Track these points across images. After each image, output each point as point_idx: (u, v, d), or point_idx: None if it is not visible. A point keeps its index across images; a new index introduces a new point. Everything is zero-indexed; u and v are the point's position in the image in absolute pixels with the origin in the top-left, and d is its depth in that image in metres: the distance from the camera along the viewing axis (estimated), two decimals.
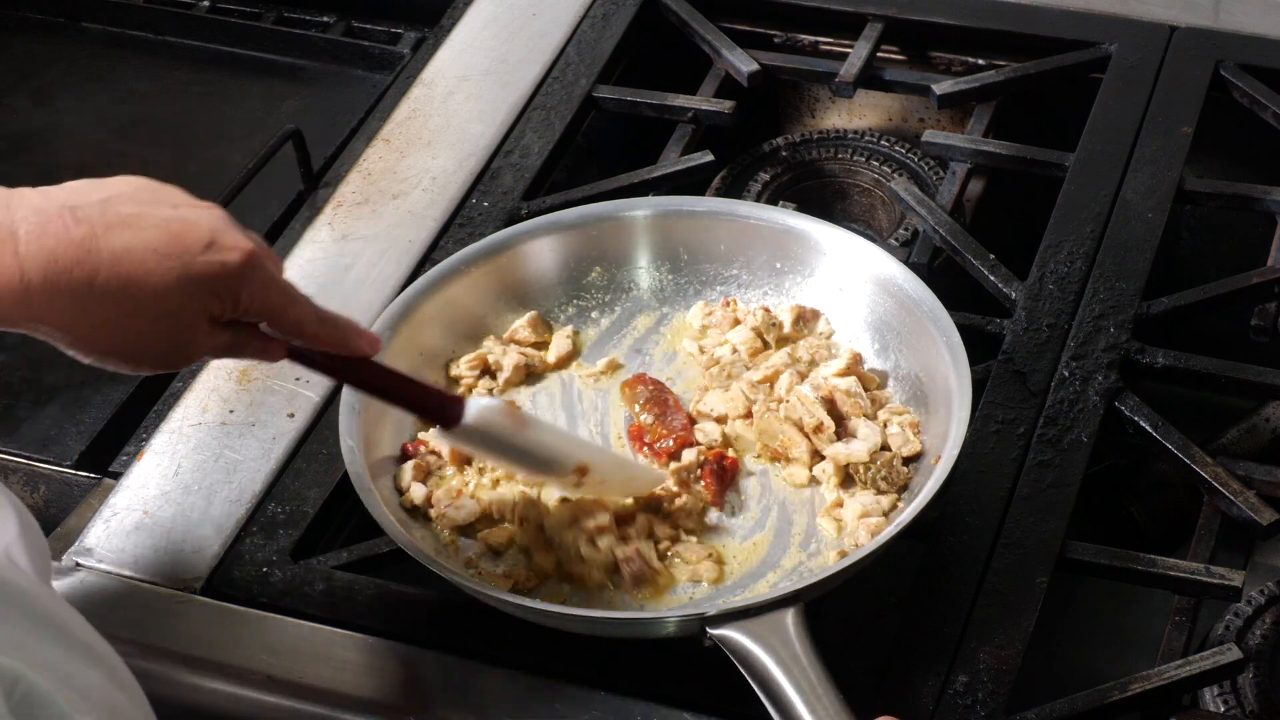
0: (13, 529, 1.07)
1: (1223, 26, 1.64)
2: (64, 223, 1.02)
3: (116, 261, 1.03)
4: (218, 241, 1.06)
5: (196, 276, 1.05)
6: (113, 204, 1.05)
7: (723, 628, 1.11)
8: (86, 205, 1.04)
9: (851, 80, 1.63)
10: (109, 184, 1.07)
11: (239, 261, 1.06)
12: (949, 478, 1.18)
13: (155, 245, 1.04)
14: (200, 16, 1.85)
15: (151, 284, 1.04)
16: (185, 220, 1.06)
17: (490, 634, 1.19)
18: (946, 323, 1.27)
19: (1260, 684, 1.23)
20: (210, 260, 1.05)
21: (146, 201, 1.06)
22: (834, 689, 1.07)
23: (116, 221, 1.04)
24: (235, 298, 1.07)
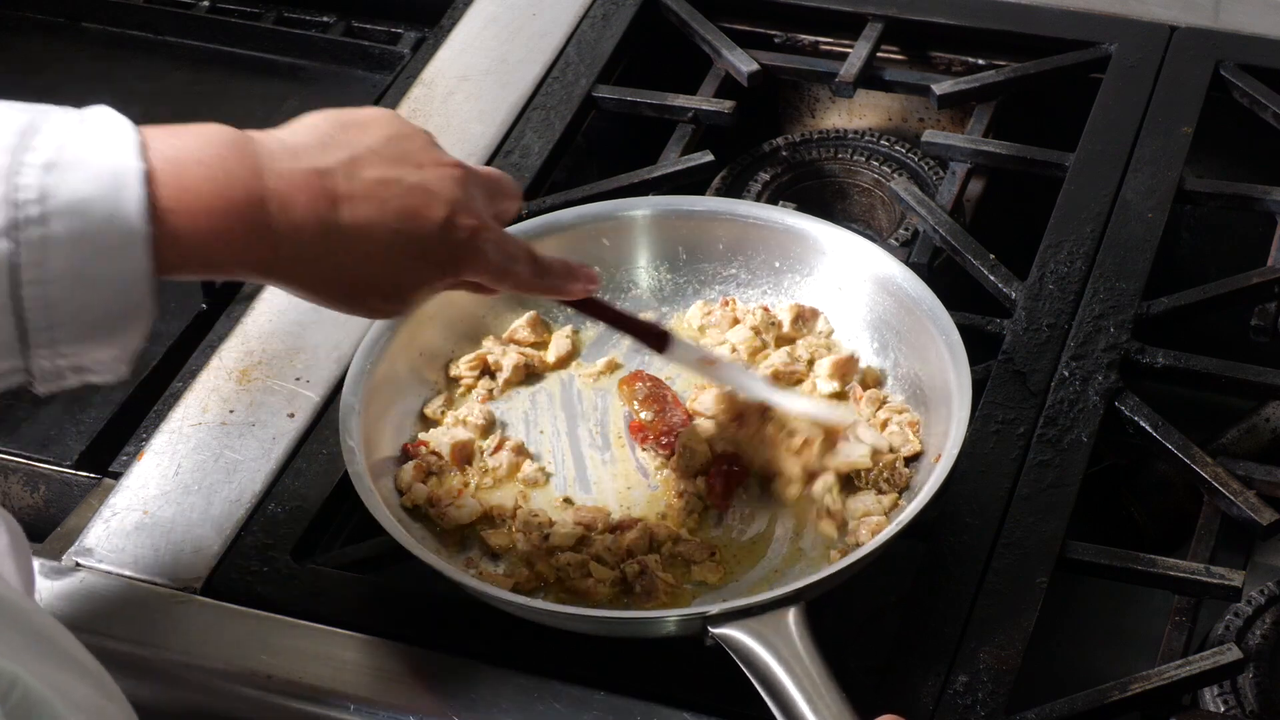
0: (2, 542, 1.07)
1: (1223, 26, 1.64)
2: (310, 192, 1.04)
3: (356, 235, 1.06)
4: (452, 218, 1.09)
5: (426, 254, 1.09)
6: (358, 166, 1.07)
7: (724, 627, 1.11)
8: (334, 169, 1.06)
9: (851, 80, 1.63)
10: (358, 127, 1.09)
11: (466, 240, 1.10)
12: (949, 477, 1.18)
13: (393, 221, 1.07)
14: (200, 16, 1.85)
15: (385, 258, 1.07)
16: (426, 191, 1.08)
17: (490, 634, 1.19)
18: (946, 322, 1.27)
19: (1260, 684, 1.23)
20: (442, 238, 1.09)
21: (393, 160, 1.08)
22: (836, 687, 1.07)
23: (360, 192, 1.06)
24: (459, 270, 1.11)
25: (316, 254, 1.05)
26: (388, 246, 1.07)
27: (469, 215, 1.10)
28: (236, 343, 1.42)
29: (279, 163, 1.04)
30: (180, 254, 1.01)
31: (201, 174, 1.01)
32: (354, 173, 1.06)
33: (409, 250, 1.08)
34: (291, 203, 1.04)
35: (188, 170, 1.01)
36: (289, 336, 1.41)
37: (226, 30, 1.82)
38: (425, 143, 1.12)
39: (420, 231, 1.08)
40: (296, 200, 1.04)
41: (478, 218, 1.11)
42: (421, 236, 1.08)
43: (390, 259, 1.08)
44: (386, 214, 1.07)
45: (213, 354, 1.41)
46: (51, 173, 0.98)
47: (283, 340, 1.41)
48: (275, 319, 1.43)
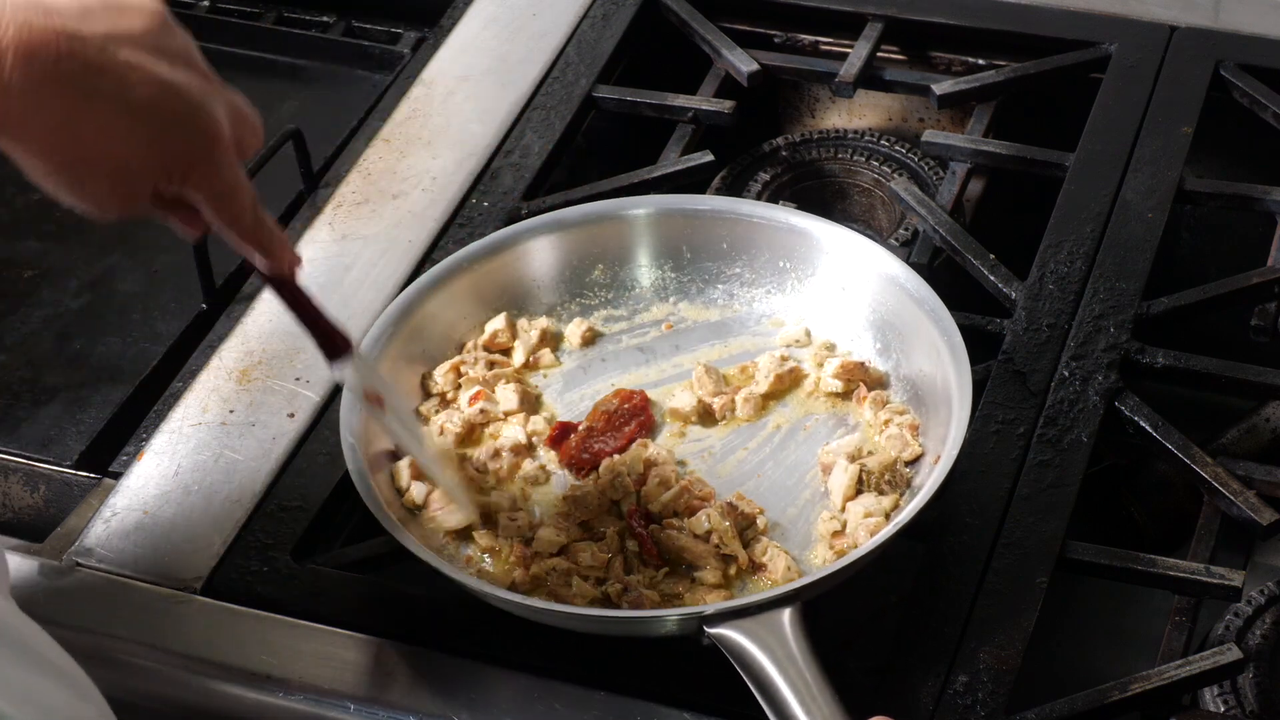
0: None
1: (1223, 26, 1.64)
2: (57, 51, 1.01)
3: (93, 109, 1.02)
4: (194, 119, 1.06)
5: (160, 146, 1.05)
6: (114, 43, 1.03)
7: (720, 626, 1.11)
8: (87, 37, 1.03)
9: (851, 80, 1.63)
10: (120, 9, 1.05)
11: (203, 146, 1.07)
12: (949, 477, 1.18)
13: (135, 105, 1.03)
14: (200, 16, 1.85)
15: (119, 139, 1.04)
16: (175, 87, 1.05)
17: (490, 634, 1.19)
18: (948, 322, 1.27)
19: (1260, 684, 1.23)
20: (179, 136, 1.06)
21: (151, 50, 1.05)
22: (829, 689, 1.07)
23: (109, 67, 1.03)
24: (185, 175, 1.08)
25: (52, 116, 1.02)
26: (125, 128, 1.03)
27: (212, 123, 1.07)
28: (236, 343, 1.42)
29: (26, 14, 1.01)
30: None
31: None
32: (108, 47, 1.03)
33: (145, 136, 1.04)
34: (34, 56, 1.00)
35: None
36: (289, 336, 1.41)
37: (226, 30, 1.82)
38: (184, 45, 1.08)
39: (161, 121, 1.04)
40: (39, 54, 1.00)
41: (219, 129, 1.07)
42: (162, 126, 1.05)
43: (124, 140, 1.04)
44: (131, 96, 1.03)
45: (213, 354, 1.41)
46: None
47: (283, 340, 1.41)
48: (275, 319, 1.43)
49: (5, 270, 1.56)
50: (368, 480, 1.21)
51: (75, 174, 1.06)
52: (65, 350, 1.50)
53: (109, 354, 1.49)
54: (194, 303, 1.49)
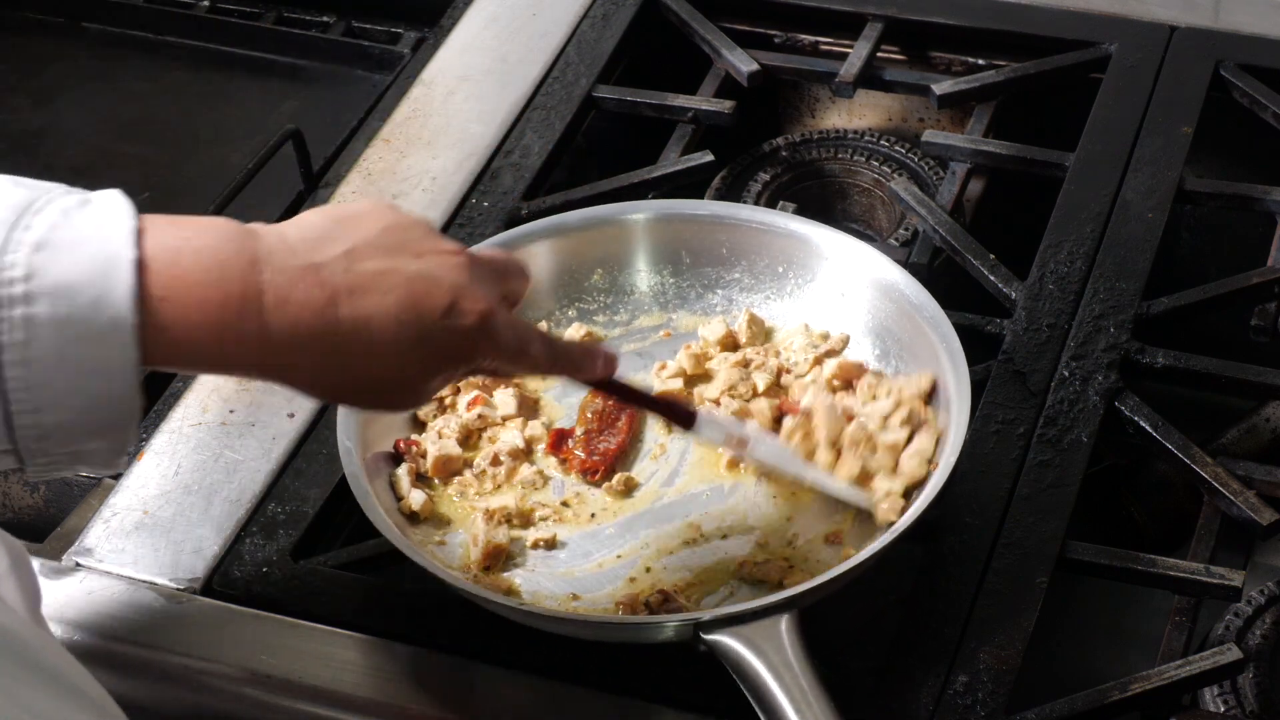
0: (2, 564, 1.05)
1: (1223, 26, 1.64)
2: (308, 287, 1.01)
3: (357, 330, 1.02)
4: (457, 304, 1.05)
5: (433, 344, 1.05)
6: (357, 259, 1.03)
7: (716, 633, 1.10)
8: (331, 263, 1.02)
9: (851, 80, 1.63)
10: (353, 221, 1.06)
11: (475, 325, 1.06)
12: (948, 480, 1.18)
13: (396, 312, 1.03)
14: (200, 16, 1.85)
15: (390, 352, 1.04)
16: (429, 279, 1.04)
17: (491, 634, 1.19)
18: (947, 328, 1.27)
19: (1260, 684, 1.23)
20: (448, 326, 1.05)
21: (391, 250, 1.05)
22: (825, 696, 1.07)
23: (359, 285, 1.03)
24: (470, 358, 1.08)
25: (317, 352, 1.02)
26: (392, 339, 1.03)
27: (475, 300, 1.06)
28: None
29: (277, 258, 1.01)
30: (170, 345, 0.98)
31: (196, 265, 0.99)
32: (352, 266, 1.03)
33: (414, 341, 1.04)
34: (288, 299, 1.00)
35: (183, 260, 0.99)
36: None
37: (226, 30, 1.82)
38: (424, 231, 1.08)
39: (424, 321, 1.04)
40: (293, 296, 1.01)
41: (485, 302, 1.06)
42: (426, 326, 1.04)
43: (396, 352, 1.04)
44: (387, 305, 1.03)
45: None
46: (41, 252, 0.96)
47: None
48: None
49: None
50: (364, 483, 1.21)
51: (359, 396, 1.08)
52: None
53: None
54: None
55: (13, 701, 0.83)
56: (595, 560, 1.23)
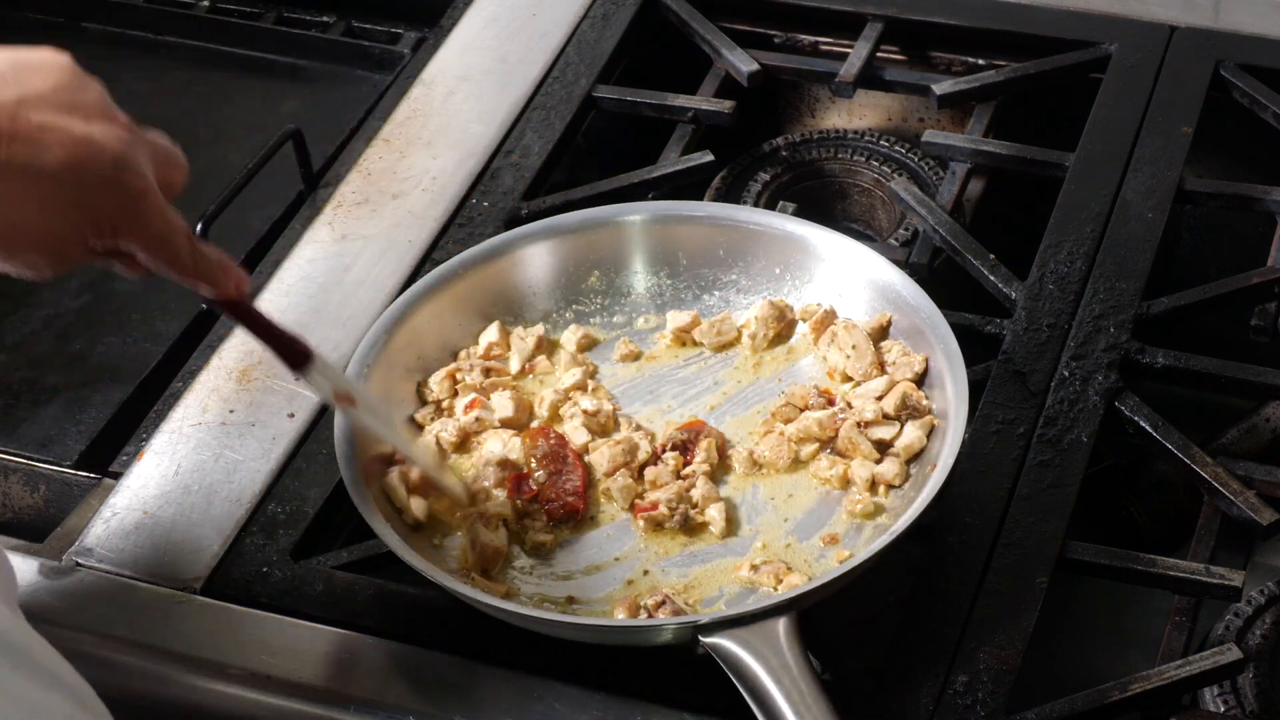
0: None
1: (1223, 26, 1.64)
2: None
3: (11, 177, 1.02)
4: (118, 176, 1.05)
5: (86, 207, 1.05)
6: (25, 108, 1.03)
7: (715, 636, 1.10)
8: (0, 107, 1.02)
9: (851, 80, 1.63)
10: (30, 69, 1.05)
11: (131, 200, 1.06)
12: (947, 481, 1.18)
13: (55, 168, 1.03)
14: (200, 16, 1.85)
15: (41, 206, 1.03)
16: (93, 144, 1.04)
17: (490, 634, 1.19)
18: (945, 330, 1.27)
19: (1260, 684, 1.23)
20: (104, 194, 1.05)
21: (62, 107, 1.04)
22: (824, 699, 1.07)
23: (22, 133, 1.02)
24: (116, 231, 1.07)
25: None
26: (47, 194, 1.03)
27: (135, 175, 1.06)
28: (236, 343, 1.41)
29: None
30: None
31: None
32: (19, 113, 1.02)
33: (69, 201, 1.04)
34: None
35: None
36: None
37: (226, 30, 1.82)
38: (98, 96, 1.07)
39: (81, 182, 1.04)
40: None
41: (144, 180, 1.06)
42: (82, 187, 1.04)
43: (46, 206, 1.03)
44: (48, 160, 1.02)
45: (213, 354, 1.41)
46: None
47: None
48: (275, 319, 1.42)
49: None
50: (361, 485, 1.20)
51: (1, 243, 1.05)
52: (65, 350, 1.50)
53: (109, 354, 1.49)
54: (194, 303, 1.49)
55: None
56: (593, 563, 1.23)
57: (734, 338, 1.36)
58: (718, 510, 1.23)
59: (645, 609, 1.18)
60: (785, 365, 1.34)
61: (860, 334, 1.30)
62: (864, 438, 1.25)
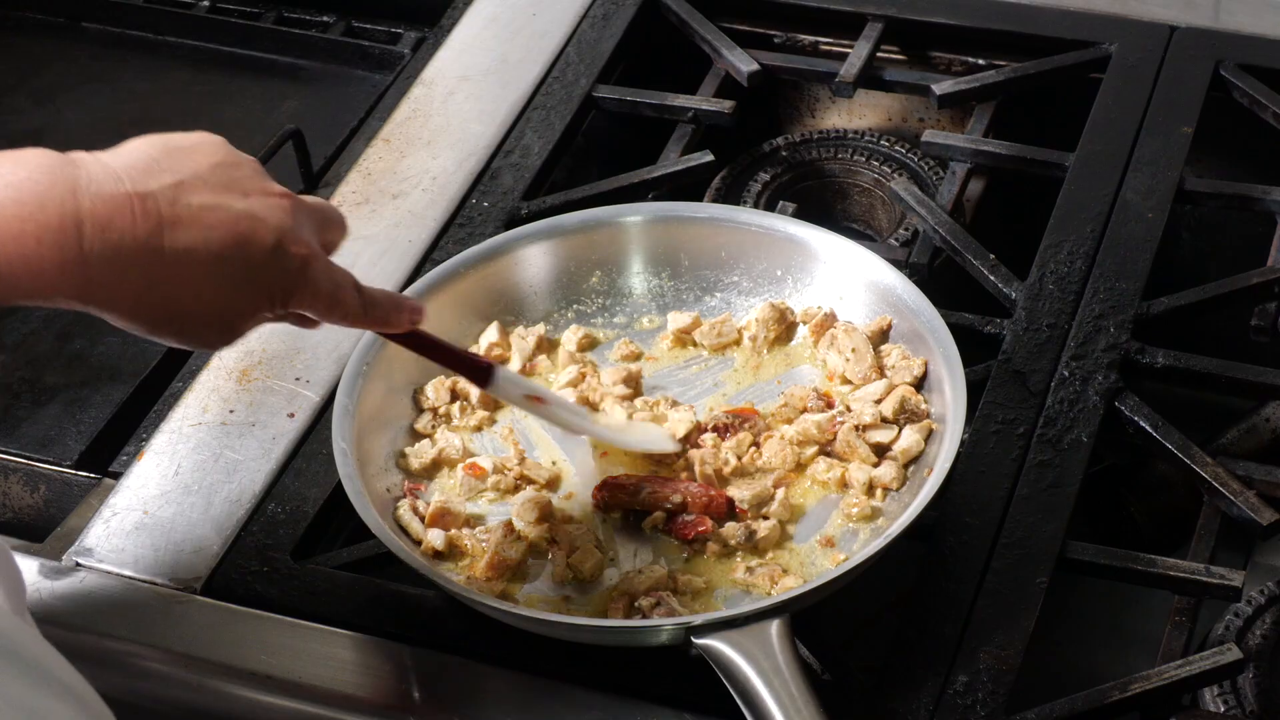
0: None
1: (1223, 26, 1.64)
2: (131, 216, 1.01)
3: (178, 262, 1.03)
4: (281, 246, 1.06)
5: (255, 282, 1.06)
6: (184, 192, 1.04)
7: (707, 637, 1.10)
8: (157, 193, 1.03)
9: (851, 80, 1.63)
10: (184, 152, 1.06)
11: (297, 269, 1.07)
12: (946, 481, 1.18)
13: (219, 248, 1.04)
14: (200, 16, 1.85)
15: (210, 286, 1.04)
16: (254, 219, 1.05)
17: (490, 634, 1.19)
18: (944, 333, 1.27)
19: (1260, 684, 1.23)
20: (270, 267, 1.06)
21: (219, 187, 1.05)
22: (815, 702, 1.07)
23: (185, 217, 1.03)
24: (286, 300, 1.08)
25: (138, 281, 1.02)
26: (213, 274, 1.04)
27: (298, 244, 1.07)
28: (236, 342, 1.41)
29: (98, 185, 1.01)
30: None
31: (10, 199, 0.99)
32: (179, 198, 1.03)
33: (235, 278, 1.05)
34: (109, 226, 1.00)
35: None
36: (289, 336, 1.41)
37: (226, 30, 1.82)
38: (253, 170, 1.08)
39: (248, 259, 1.05)
40: (115, 223, 1.00)
41: (307, 247, 1.08)
42: (249, 264, 1.05)
43: (216, 287, 1.04)
44: (211, 241, 1.03)
45: (213, 354, 1.41)
46: None
47: (283, 340, 1.41)
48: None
49: None
50: (358, 485, 1.20)
51: (172, 328, 1.06)
52: (65, 350, 1.50)
53: (109, 354, 1.49)
54: None
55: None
56: None
57: (734, 339, 1.36)
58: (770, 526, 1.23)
59: (640, 610, 1.18)
60: (785, 367, 1.34)
61: (860, 337, 1.31)
62: (862, 441, 1.25)
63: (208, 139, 1.08)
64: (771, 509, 1.23)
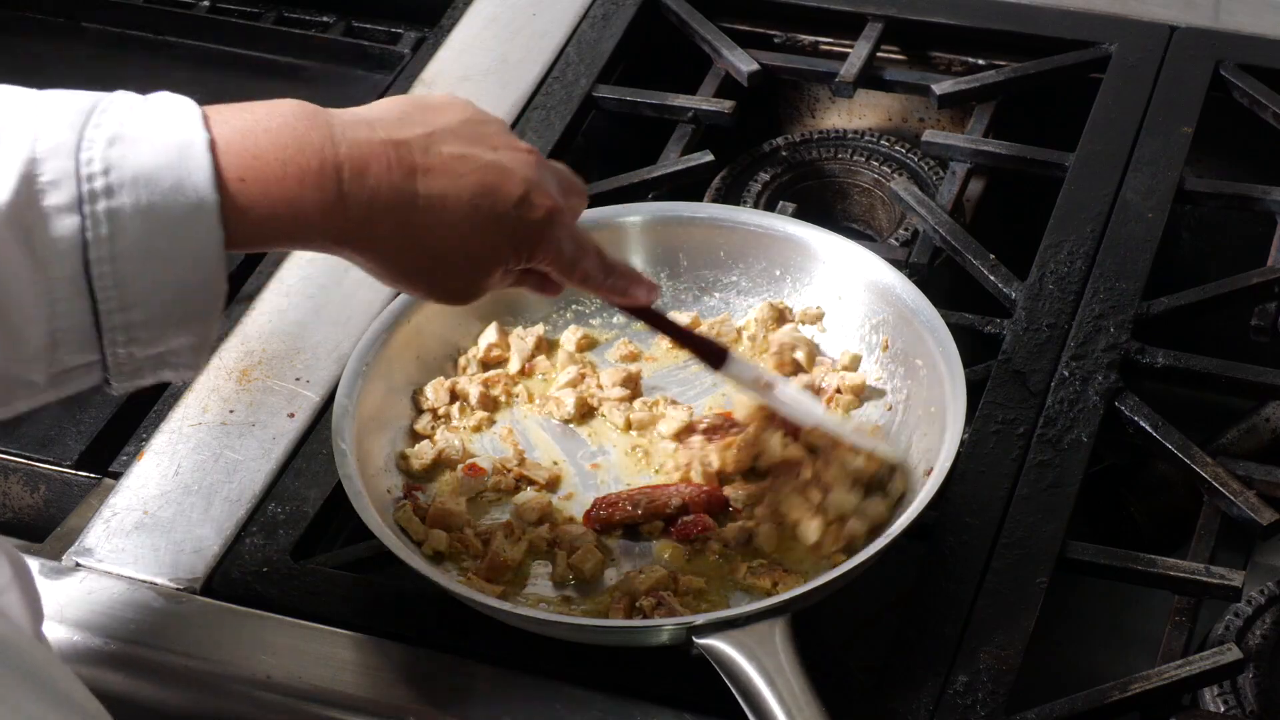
0: (4, 575, 1.05)
1: (1223, 26, 1.64)
2: (386, 161, 1.04)
3: (431, 208, 1.05)
4: (529, 196, 1.09)
5: (503, 230, 1.08)
6: (435, 141, 1.06)
7: (709, 637, 1.10)
8: (411, 141, 1.05)
9: (851, 80, 1.63)
10: (434, 109, 1.09)
11: (542, 219, 1.10)
12: (947, 481, 1.18)
13: (470, 195, 1.06)
14: (200, 16, 1.85)
15: (460, 232, 1.07)
16: (502, 169, 1.08)
17: (490, 634, 1.19)
18: (944, 334, 1.27)
19: (1260, 684, 1.23)
20: (518, 216, 1.08)
21: (469, 139, 1.08)
22: (817, 702, 1.07)
23: (436, 165, 1.06)
24: (531, 252, 1.11)
25: (392, 224, 1.05)
26: (464, 220, 1.06)
27: (544, 197, 1.10)
28: (236, 343, 1.42)
29: (353, 131, 1.04)
30: (252, 223, 1.00)
31: (270, 141, 1.01)
32: (430, 146, 1.06)
33: (486, 225, 1.07)
34: (366, 170, 1.03)
35: (256, 139, 1.01)
36: (289, 336, 1.41)
37: (226, 30, 1.82)
38: (500, 127, 1.11)
39: (497, 207, 1.07)
40: (371, 168, 1.03)
41: (553, 200, 1.10)
42: (498, 212, 1.08)
43: (467, 233, 1.07)
44: (463, 188, 1.06)
45: (213, 354, 1.41)
46: (116, 146, 0.99)
47: (283, 340, 1.41)
48: (275, 319, 1.43)
49: None
50: (358, 484, 1.20)
51: (424, 276, 1.09)
52: None
53: None
54: None
55: (9, 710, 0.82)
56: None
57: (733, 339, 1.36)
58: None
59: (641, 610, 1.18)
60: None
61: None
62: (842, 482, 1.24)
63: (456, 99, 1.12)
64: (759, 510, 1.23)
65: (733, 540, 1.22)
